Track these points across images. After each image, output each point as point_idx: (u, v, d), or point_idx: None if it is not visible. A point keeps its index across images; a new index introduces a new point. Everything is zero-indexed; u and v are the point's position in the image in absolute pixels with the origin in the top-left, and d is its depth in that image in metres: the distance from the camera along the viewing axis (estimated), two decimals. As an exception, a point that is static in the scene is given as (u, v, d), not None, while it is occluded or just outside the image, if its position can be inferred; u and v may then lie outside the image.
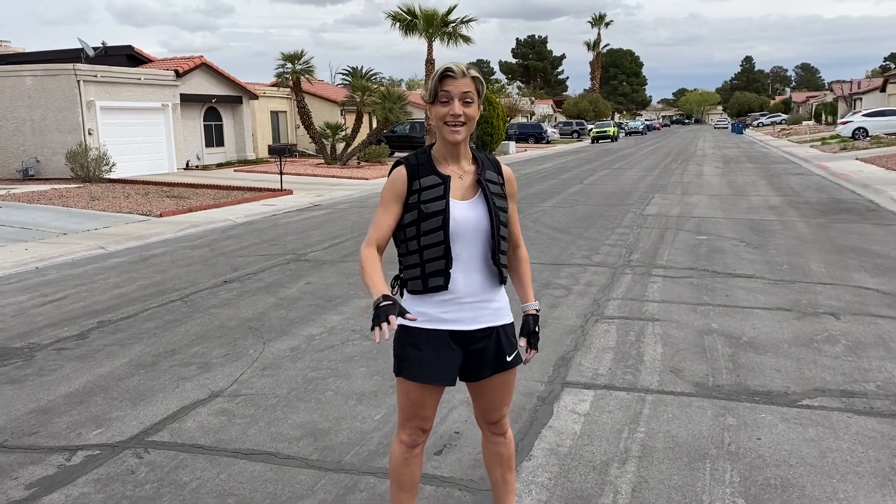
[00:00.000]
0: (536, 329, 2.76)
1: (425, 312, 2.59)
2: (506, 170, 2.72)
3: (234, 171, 25.63)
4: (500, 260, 2.60)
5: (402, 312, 2.26)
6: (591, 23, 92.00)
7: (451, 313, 2.60)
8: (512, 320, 2.72)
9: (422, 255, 2.56)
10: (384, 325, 2.18)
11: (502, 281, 2.65)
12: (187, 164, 26.37)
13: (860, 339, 5.57)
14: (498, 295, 2.66)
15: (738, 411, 4.24)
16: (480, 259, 2.58)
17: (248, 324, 6.36)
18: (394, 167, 2.62)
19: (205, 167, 26.94)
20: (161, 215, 14.52)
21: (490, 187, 2.59)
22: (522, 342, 2.74)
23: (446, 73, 2.46)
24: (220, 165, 27.84)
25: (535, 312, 2.77)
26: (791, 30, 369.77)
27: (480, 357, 2.66)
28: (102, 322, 6.62)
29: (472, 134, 2.59)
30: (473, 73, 2.50)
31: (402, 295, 2.70)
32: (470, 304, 2.60)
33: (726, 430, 3.99)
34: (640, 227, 11.53)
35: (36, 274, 9.26)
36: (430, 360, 2.59)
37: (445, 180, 2.55)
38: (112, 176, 21.01)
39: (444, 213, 2.52)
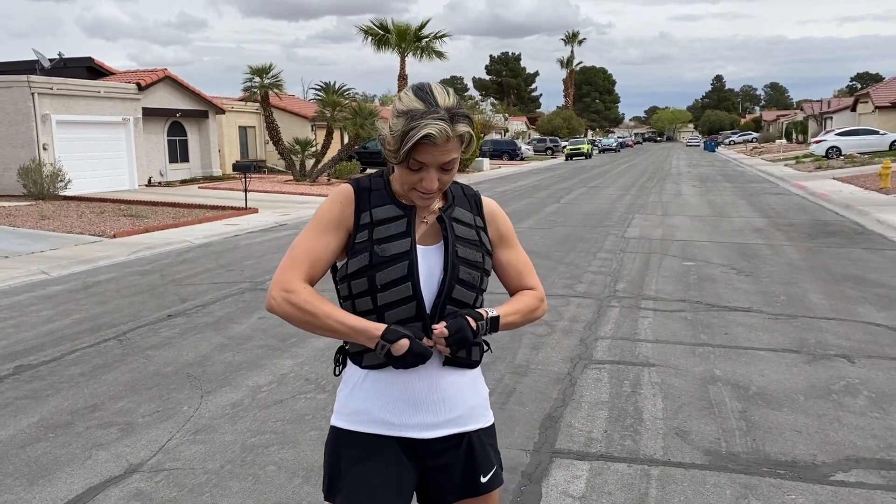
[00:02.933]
0: (468, 325, 1.80)
1: (365, 411, 1.85)
2: (489, 205, 1.99)
3: (199, 187, 24.67)
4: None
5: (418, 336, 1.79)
6: (565, 40, 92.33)
7: (399, 413, 1.84)
8: (491, 422, 1.97)
9: (381, 317, 1.81)
10: (421, 342, 1.77)
11: (464, 364, 1.89)
12: (149, 181, 25.35)
13: (883, 388, 4.92)
14: (460, 376, 1.89)
15: (761, 490, 3.53)
16: None
17: (188, 370, 5.54)
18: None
19: (168, 184, 25.93)
20: (114, 236, 13.60)
21: (456, 228, 1.86)
22: (439, 326, 1.80)
23: (425, 140, 1.70)
24: (184, 182, 26.83)
25: (483, 313, 1.86)
26: (757, 50, 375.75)
27: (442, 476, 1.89)
28: (20, 367, 5.76)
29: None
30: (462, 128, 1.74)
31: (339, 372, 1.94)
32: (427, 399, 1.85)
33: (752, 519, 3.28)
34: (623, 252, 10.88)
35: (-38, 305, 8.34)
36: (372, 480, 1.82)
37: (408, 212, 1.83)
38: (68, 193, 19.98)
39: (410, 256, 1.79)
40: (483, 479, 1.91)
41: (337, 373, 1.95)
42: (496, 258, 1.98)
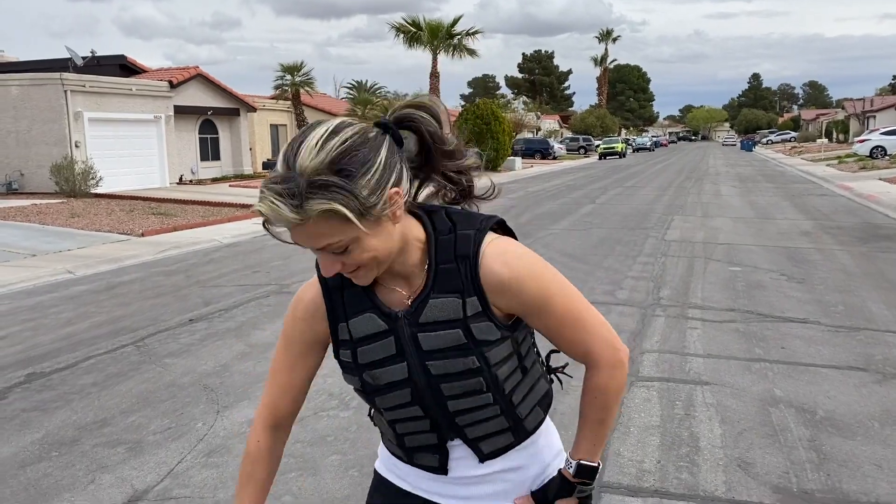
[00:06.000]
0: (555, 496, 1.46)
1: (397, 466, 1.55)
2: (492, 274, 1.33)
3: (230, 186, 24.56)
4: (468, 435, 1.43)
5: None
6: (599, 38, 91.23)
7: (430, 484, 1.51)
8: (552, 473, 1.52)
9: (394, 427, 1.47)
10: None
11: (485, 456, 1.46)
12: (180, 179, 25.31)
13: (968, 415, 4.41)
14: (510, 459, 1.48)
15: (843, 538, 3.08)
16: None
17: (205, 381, 5.21)
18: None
19: (199, 182, 25.87)
20: (143, 234, 13.44)
21: (424, 341, 1.34)
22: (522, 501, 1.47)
23: (265, 225, 1.23)
24: (215, 180, 26.77)
25: (569, 475, 1.46)
26: (794, 48, 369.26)
27: None
28: (32, 375, 5.49)
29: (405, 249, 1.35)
30: (317, 205, 1.17)
31: (372, 413, 1.58)
32: (465, 479, 1.48)
33: (837, 576, 2.83)
34: (665, 256, 10.37)
35: (-17, 305, 8.15)
36: None
37: (394, 325, 1.36)
38: (99, 190, 19.97)
39: (410, 383, 1.38)
40: None
41: (371, 414, 1.59)
42: (533, 325, 1.43)
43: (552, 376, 1.60)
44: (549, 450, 1.54)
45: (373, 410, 1.55)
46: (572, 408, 4.60)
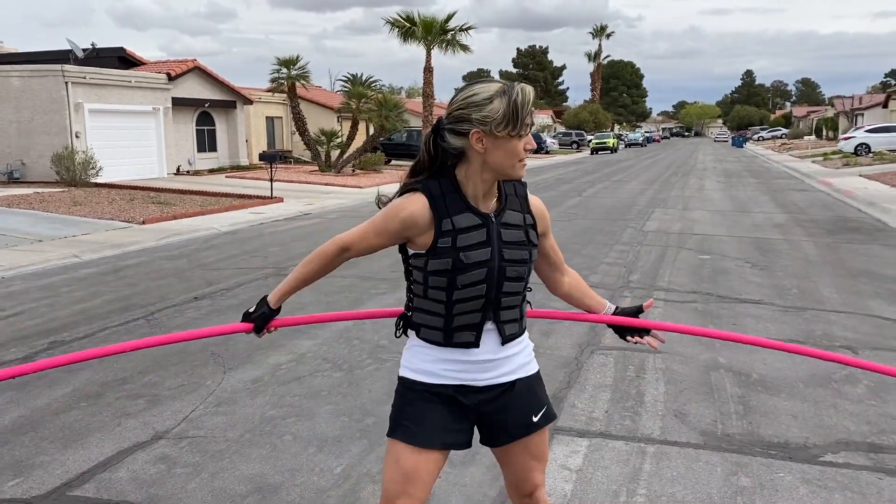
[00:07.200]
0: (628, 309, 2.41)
1: (425, 370, 2.14)
2: (535, 204, 2.20)
3: (226, 177, 25.09)
4: (500, 317, 2.12)
5: (257, 329, 2.24)
6: (593, 33, 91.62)
7: (456, 372, 2.13)
8: (537, 370, 2.24)
9: (450, 308, 2.06)
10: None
11: (505, 338, 2.15)
12: (178, 170, 25.83)
13: (883, 379, 5.02)
14: (514, 346, 2.17)
15: (752, 468, 3.70)
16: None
17: (211, 348, 5.81)
18: (403, 191, 2.08)
19: (196, 172, 26.39)
20: (144, 222, 13.98)
21: (504, 233, 2.07)
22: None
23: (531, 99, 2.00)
24: (212, 171, 27.28)
25: (616, 308, 2.42)
26: (788, 45, 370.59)
27: (497, 417, 2.16)
28: (54, 343, 6.07)
29: None
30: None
31: (404, 334, 2.22)
32: (484, 365, 2.14)
33: (739, 494, 3.44)
34: (640, 245, 11.00)
35: (0, 285, 8.71)
36: (429, 418, 2.09)
37: (486, 221, 2.05)
38: (99, 180, 20.46)
39: (490, 263, 2.03)
40: (535, 419, 2.18)
41: (398, 335, 2.23)
42: (541, 245, 2.22)
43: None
44: (529, 347, 2.26)
45: (409, 316, 2.18)
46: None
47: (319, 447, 3.95)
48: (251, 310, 2.24)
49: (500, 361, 2.13)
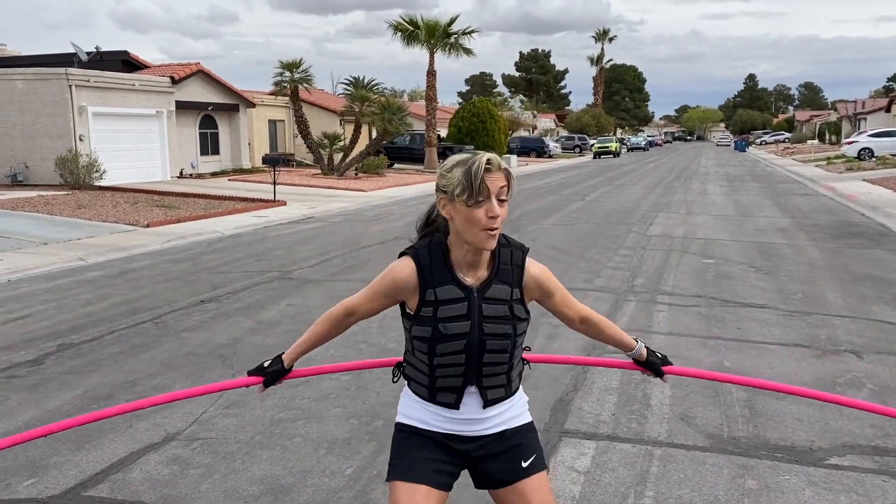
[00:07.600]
0: (654, 358, 2.52)
1: (419, 419, 2.21)
2: (533, 272, 2.17)
3: (229, 180, 25.16)
4: (483, 383, 2.16)
5: (267, 384, 2.35)
6: (595, 37, 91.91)
7: (447, 424, 2.19)
8: (530, 420, 2.27)
9: (432, 370, 2.14)
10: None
11: (487, 402, 2.19)
12: (181, 173, 25.89)
13: (887, 383, 5.07)
14: (499, 407, 2.20)
15: (758, 471, 3.73)
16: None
17: (220, 351, 5.85)
18: (400, 255, 2.15)
19: (199, 176, 26.45)
20: (148, 226, 14.04)
21: (486, 308, 2.08)
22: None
23: (487, 165, 1.99)
24: (214, 174, 27.35)
25: (645, 351, 2.50)
26: (790, 49, 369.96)
27: (485, 465, 2.20)
28: (63, 345, 6.11)
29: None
30: (504, 164, 2.05)
31: (400, 378, 2.33)
32: (472, 421, 2.19)
33: (746, 496, 3.48)
34: (644, 249, 11.04)
35: (7, 287, 8.76)
36: (422, 456, 2.15)
37: (469, 294, 2.08)
38: (103, 183, 20.51)
39: (470, 336, 2.07)
40: (524, 464, 2.18)
41: (395, 380, 2.33)
42: (552, 304, 2.25)
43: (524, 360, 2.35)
44: (522, 401, 2.27)
45: (403, 367, 2.26)
46: (544, 373, 5.25)
47: (329, 449, 3.99)
48: (266, 364, 2.35)
49: (484, 420, 2.18)
